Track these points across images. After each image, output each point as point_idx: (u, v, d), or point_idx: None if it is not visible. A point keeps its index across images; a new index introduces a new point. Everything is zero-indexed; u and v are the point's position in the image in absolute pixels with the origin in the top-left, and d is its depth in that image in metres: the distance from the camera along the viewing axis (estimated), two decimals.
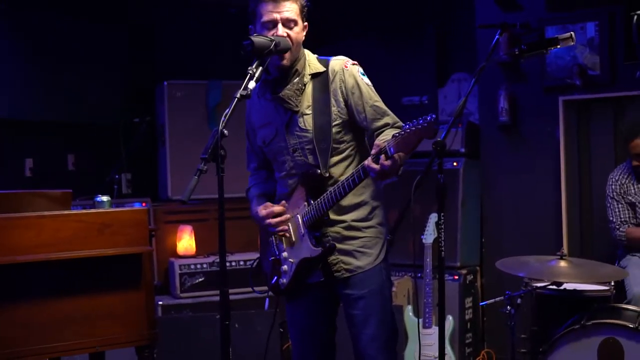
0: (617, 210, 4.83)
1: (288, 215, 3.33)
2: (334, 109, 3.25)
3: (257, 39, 2.99)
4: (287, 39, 3.15)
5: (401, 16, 6.51)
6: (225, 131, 2.78)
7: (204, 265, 5.58)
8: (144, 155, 6.27)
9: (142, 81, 6.37)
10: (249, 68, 2.94)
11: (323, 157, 3.23)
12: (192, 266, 5.55)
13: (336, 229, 3.28)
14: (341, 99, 3.25)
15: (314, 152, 3.25)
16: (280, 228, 3.33)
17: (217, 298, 5.36)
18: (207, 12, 6.38)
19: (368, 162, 2.97)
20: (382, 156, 2.90)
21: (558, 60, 5.43)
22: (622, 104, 5.32)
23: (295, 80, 3.26)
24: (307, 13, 3.28)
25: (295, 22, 3.20)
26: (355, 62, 3.33)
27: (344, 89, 3.25)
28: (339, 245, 3.27)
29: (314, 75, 3.29)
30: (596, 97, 5.39)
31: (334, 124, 3.24)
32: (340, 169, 3.27)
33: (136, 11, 6.37)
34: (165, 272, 5.71)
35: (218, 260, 5.51)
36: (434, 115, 2.80)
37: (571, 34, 3.66)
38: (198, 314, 5.27)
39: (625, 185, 4.81)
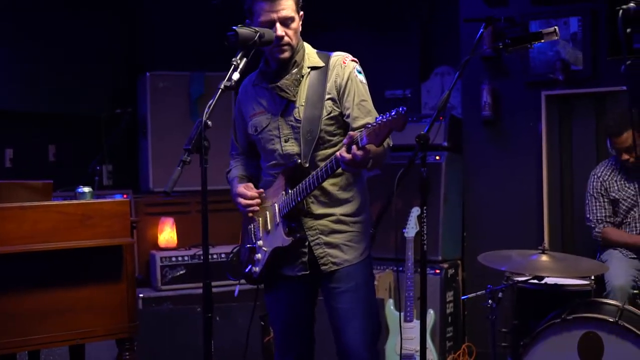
0: (594, 208, 4.86)
1: (258, 200, 3.34)
2: (327, 102, 3.26)
3: (241, 30, 2.98)
4: (285, 37, 3.18)
5: (385, 9, 6.50)
6: (209, 122, 2.77)
7: (185, 258, 5.55)
8: (125, 147, 6.23)
9: (124, 72, 6.33)
10: (233, 59, 2.92)
11: (306, 148, 3.24)
12: (174, 258, 5.53)
13: (324, 222, 3.29)
14: (335, 93, 3.27)
15: (299, 143, 3.26)
16: (250, 209, 3.34)
17: (198, 291, 5.41)
18: (190, 3, 6.34)
19: (340, 152, 2.97)
20: (354, 146, 2.90)
21: (541, 55, 5.44)
22: (604, 100, 5.34)
23: (294, 71, 3.28)
24: (301, 2, 3.29)
25: (292, 19, 3.22)
26: (355, 59, 3.35)
27: (338, 83, 3.27)
28: (326, 239, 3.29)
29: (313, 68, 3.31)
30: (579, 92, 5.41)
31: (326, 117, 3.26)
32: (324, 161, 3.24)
33: (119, 1, 6.32)
34: (146, 265, 5.68)
35: (199, 252, 5.54)
36: (405, 108, 2.79)
37: (555, 29, 3.64)
38: (179, 306, 5.25)
39: (607, 182, 4.83)
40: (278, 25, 3.18)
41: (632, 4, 2.49)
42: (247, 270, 3.42)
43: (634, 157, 4.67)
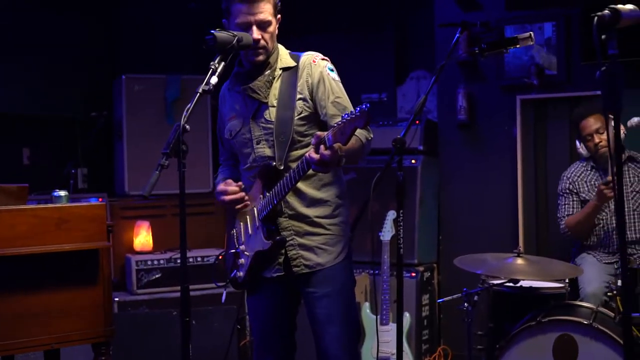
0: (563, 207, 4.90)
1: (242, 193, 3.31)
2: (299, 102, 3.25)
3: (219, 34, 2.98)
4: (262, 41, 3.18)
5: (360, 13, 6.52)
6: (187, 126, 2.76)
7: (161, 262, 5.52)
8: (100, 150, 6.20)
9: (100, 75, 6.30)
10: (211, 63, 2.92)
11: (280, 150, 3.24)
12: (149, 262, 5.50)
13: (299, 223, 3.29)
14: (307, 93, 3.26)
15: (273, 144, 3.26)
16: (237, 204, 3.32)
17: (174, 294, 5.41)
18: (167, 6, 6.33)
19: (309, 152, 2.95)
20: (322, 146, 2.88)
21: (516, 59, 5.49)
22: (578, 104, 5.38)
23: (267, 73, 3.28)
24: (280, 6, 3.30)
25: (270, 23, 3.22)
26: (326, 58, 3.36)
27: (310, 82, 3.26)
28: (300, 240, 3.28)
29: (285, 69, 3.31)
30: (553, 97, 5.47)
31: (297, 117, 3.25)
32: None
33: (95, 3, 6.29)
34: (121, 268, 5.65)
35: (175, 256, 5.53)
36: (368, 105, 2.78)
37: (530, 34, 3.69)
38: (155, 310, 5.23)
39: (577, 183, 4.87)
40: (255, 28, 3.18)
41: (606, 11, 2.51)
42: (232, 275, 3.42)
43: (605, 141, 4.68)
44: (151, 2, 6.34)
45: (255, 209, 3.31)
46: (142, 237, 5.70)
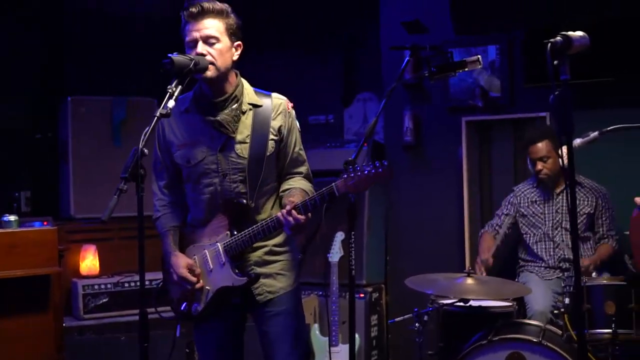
0: (496, 215, 5.17)
1: (199, 284, 3.31)
2: (271, 142, 3.30)
3: (176, 57, 2.98)
4: (208, 56, 3.15)
5: (308, 35, 6.57)
6: (145, 150, 2.74)
7: (108, 286, 5.45)
8: (45, 173, 6.09)
9: (45, 96, 6.19)
10: (169, 87, 2.91)
11: (252, 188, 3.27)
12: (96, 286, 5.42)
13: (258, 253, 3.33)
14: (278, 136, 3.32)
15: (245, 182, 3.27)
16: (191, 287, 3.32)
17: (122, 319, 5.34)
18: (113, 27, 6.28)
19: (283, 216, 3.09)
20: (294, 212, 3.05)
21: (461, 82, 5.58)
22: (521, 125, 5.51)
23: (234, 107, 3.27)
24: (239, 32, 3.29)
25: (217, 39, 3.19)
26: (293, 105, 3.43)
27: (284, 128, 3.33)
28: (261, 270, 3.32)
29: (254, 106, 3.31)
30: (497, 119, 5.58)
31: (267, 155, 3.29)
32: (264, 201, 3.34)
33: (40, 24, 6.20)
34: (67, 293, 5.55)
35: (122, 280, 5.47)
36: (386, 162, 2.98)
37: (478, 57, 3.76)
38: (102, 335, 5.15)
39: (520, 197, 5.08)
40: (200, 43, 3.17)
41: (558, 38, 2.59)
42: (183, 307, 3.37)
43: (548, 169, 4.87)
44: (97, 23, 6.27)
45: (219, 244, 3.29)
46: (89, 261, 5.62)
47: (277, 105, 3.34)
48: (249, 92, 3.35)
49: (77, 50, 6.31)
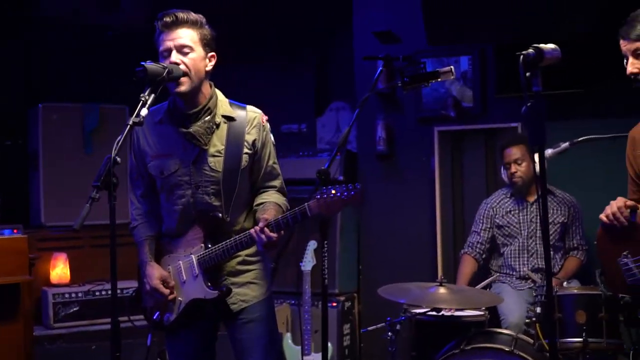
0: (474, 232, 5.17)
1: (172, 296, 3.31)
2: (245, 156, 3.30)
3: (150, 66, 2.97)
4: (181, 65, 3.14)
5: (281, 45, 6.57)
6: (118, 158, 2.73)
7: (79, 294, 5.39)
8: (15, 180, 6.03)
9: (15, 103, 6.13)
10: (142, 95, 2.91)
11: (227, 201, 3.28)
12: (67, 295, 5.36)
13: (232, 263, 3.34)
14: (252, 150, 3.32)
15: (219, 194, 3.27)
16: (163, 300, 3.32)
17: (93, 328, 5.29)
18: (85, 34, 6.24)
19: (256, 234, 3.10)
20: (267, 229, 3.07)
21: (433, 92, 5.62)
22: (493, 135, 5.55)
23: (207, 119, 3.27)
24: (213, 43, 3.29)
25: (191, 49, 3.19)
26: (267, 118, 3.43)
27: (258, 142, 3.33)
28: (234, 279, 3.33)
29: (229, 119, 3.31)
30: (469, 128, 5.62)
31: (241, 169, 3.29)
32: (239, 214, 3.34)
33: (11, 30, 6.15)
34: (37, 302, 5.48)
35: (94, 288, 5.42)
36: (359, 185, 3.02)
37: (451, 68, 3.77)
38: (73, 344, 5.10)
39: (495, 208, 5.08)
40: (174, 52, 3.17)
41: (531, 50, 2.62)
42: (155, 317, 3.37)
43: (522, 172, 4.91)
44: (69, 29, 6.23)
45: (193, 256, 3.29)
46: (59, 270, 5.56)
47: (252, 119, 3.34)
48: (223, 103, 3.34)
49: (49, 57, 6.25)
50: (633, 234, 3.04)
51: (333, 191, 3.02)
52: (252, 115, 3.35)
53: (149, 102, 2.91)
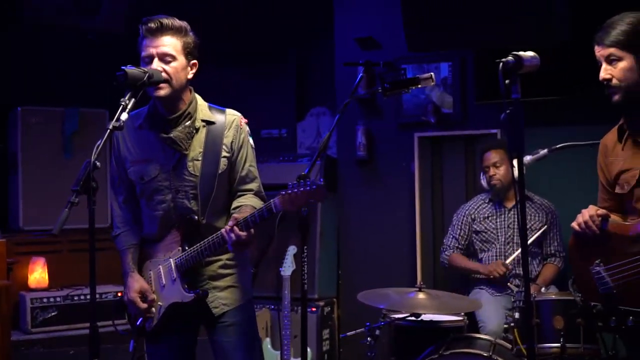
0: (451, 235, 5.17)
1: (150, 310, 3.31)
2: (223, 160, 3.31)
3: (130, 70, 2.97)
4: (162, 72, 3.14)
5: (262, 49, 6.57)
6: (98, 163, 2.72)
7: (57, 299, 5.37)
8: None
9: None
10: (122, 99, 2.90)
11: (203, 205, 3.28)
12: (45, 299, 5.33)
13: (213, 267, 3.34)
14: (230, 153, 3.32)
15: (197, 198, 3.28)
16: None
17: (71, 333, 5.27)
18: (64, 37, 6.21)
19: (226, 233, 3.10)
20: (236, 228, 3.06)
21: (413, 98, 5.65)
22: (473, 141, 5.59)
23: (187, 124, 3.28)
24: (195, 51, 3.29)
25: (174, 57, 3.20)
26: (246, 121, 3.43)
27: (235, 144, 3.33)
28: (215, 283, 3.33)
29: (208, 123, 3.31)
30: (449, 135, 5.65)
31: (219, 173, 3.30)
32: (216, 218, 3.34)
33: None
34: (15, 306, 5.45)
35: (72, 293, 5.40)
36: (322, 179, 3.05)
37: (431, 75, 3.80)
38: (51, 349, 5.07)
39: (474, 214, 5.09)
40: (155, 60, 3.18)
41: (510, 58, 2.63)
42: (138, 323, 3.36)
43: (500, 175, 4.95)
44: (49, 32, 6.20)
45: (171, 260, 3.30)
46: (38, 274, 5.53)
47: (230, 122, 3.35)
48: (202, 108, 3.35)
49: (28, 60, 6.22)
50: (605, 242, 3.06)
51: (296, 186, 3.03)
52: (230, 118, 3.36)
53: (129, 106, 2.90)
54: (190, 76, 3.29)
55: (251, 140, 3.42)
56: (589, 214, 3.09)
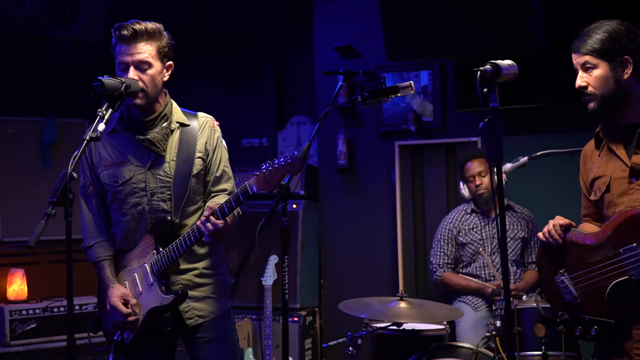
0: (439, 253, 5.09)
1: (136, 316, 3.26)
2: (197, 160, 3.29)
3: (107, 80, 2.95)
4: (139, 81, 3.12)
5: (242, 58, 6.56)
6: (74, 174, 2.71)
7: (37, 311, 5.31)
8: None
9: None
10: (99, 110, 2.89)
11: (177, 205, 3.25)
12: (24, 312, 5.27)
13: (188, 276, 3.29)
14: (204, 154, 3.30)
15: (171, 199, 3.24)
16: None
17: (51, 345, 5.22)
18: (42, 46, 6.16)
19: (202, 223, 3.07)
20: (212, 217, 3.04)
21: (394, 106, 5.65)
22: (453, 149, 5.59)
23: (164, 125, 3.26)
24: (170, 52, 3.26)
25: (150, 64, 3.18)
26: (219, 123, 3.42)
27: (209, 145, 3.32)
28: (191, 293, 3.28)
29: (182, 125, 3.31)
30: (429, 143, 5.66)
31: (194, 174, 3.28)
32: (190, 219, 3.30)
33: None
34: None
35: (52, 304, 5.35)
36: (295, 153, 2.99)
37: (411, 83, 3.80)
38: None
39: (457, 227, 5.04)
40: (132, 69, 3.15)
41: (488, 66, 2.63)
42: (116, 337, 3.29)
43: (487, 184, 4.91)
44: (25, 42, 6.15)
45: (146, 265, 3.25)
46: (16, 286, 5.47)
47: (203, 124, 3.35)
48: (177, 111, 3.35)
49: (5, 70, 6.17)
50: (568, 252, 3.07)
51: (269, 163, 3.02)
52: (203, 120, 3.36)
53: (106, 117, 2.89)
54: (166, 78, 3.27)
55: (224, 142, 3.41)
56: (553, 223, 3.11)
